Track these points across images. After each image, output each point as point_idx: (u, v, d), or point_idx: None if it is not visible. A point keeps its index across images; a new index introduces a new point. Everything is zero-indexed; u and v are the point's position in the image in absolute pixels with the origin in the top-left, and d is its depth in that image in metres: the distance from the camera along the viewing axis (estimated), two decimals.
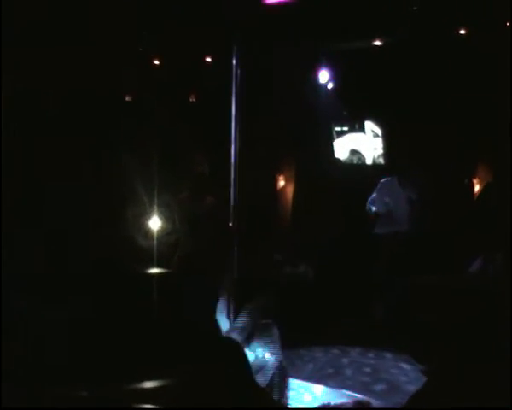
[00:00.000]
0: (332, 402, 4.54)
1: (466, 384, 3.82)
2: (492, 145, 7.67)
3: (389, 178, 7.73)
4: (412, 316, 6.17)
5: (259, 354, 4.34)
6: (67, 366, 4.57)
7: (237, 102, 6.65)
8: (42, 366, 3.69)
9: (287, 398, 4.43)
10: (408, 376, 5.60)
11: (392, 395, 5.18)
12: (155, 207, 6.69)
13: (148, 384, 4.30)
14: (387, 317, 6.79)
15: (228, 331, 4.47)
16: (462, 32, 7.38)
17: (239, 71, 6.64)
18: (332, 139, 9.27)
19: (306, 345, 6.52)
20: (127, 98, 9.65)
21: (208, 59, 8.99)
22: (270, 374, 4.25)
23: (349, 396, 4.90)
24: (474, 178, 8.12)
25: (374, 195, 7.73)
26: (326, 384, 5.20)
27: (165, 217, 6.70)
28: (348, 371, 5.78)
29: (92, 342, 4.92)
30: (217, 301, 5.57)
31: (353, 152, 9.19)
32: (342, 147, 9.26)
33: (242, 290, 5.77)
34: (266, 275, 7.57)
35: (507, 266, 5.75)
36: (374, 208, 7.61)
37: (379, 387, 5.38)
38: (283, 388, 4.42)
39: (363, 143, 9.10)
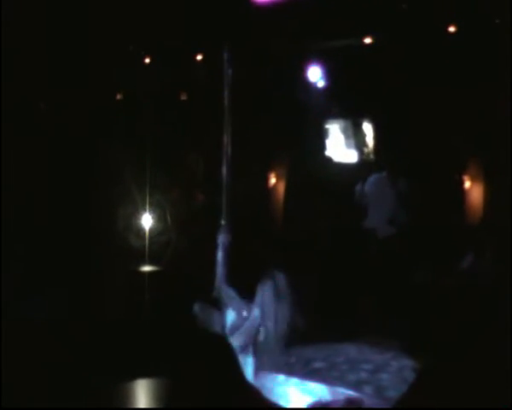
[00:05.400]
0: (323, 399, 4.57)
1: (462, 381, 3.86)
2: (484, 142, 7.72)
3: (377, 175, 7.79)
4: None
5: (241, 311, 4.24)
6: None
7: (229, 100, 6.66)
8: None
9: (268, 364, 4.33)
10: (399, 373, 5.62)
11: (384, 393, 5.20)
12: (147, 206, 6.71)
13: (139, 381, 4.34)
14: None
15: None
16: (452, 29, 7.41)
17: (230, 69, 6.65)
18: (324, 136, 9.27)
19: (298, 342, 6.53)
20: (119, 97, 9.64)
21: (199, 57, 8.99)
22: (247, 335, 4.18)
23: (341, 393, 4.93)
24: (465, 174, 8.15)
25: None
26: (317, 381, 5.22)
27: (157, 216, 6.73)
28: (339, 369, 5.78)
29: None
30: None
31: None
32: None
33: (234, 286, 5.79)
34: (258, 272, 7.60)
35: (506, 265, 5.78)
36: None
37: (371, 384, 5.40)
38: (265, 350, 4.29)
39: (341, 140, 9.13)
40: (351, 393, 4.98)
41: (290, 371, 5.62)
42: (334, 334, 6.63)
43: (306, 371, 5.69)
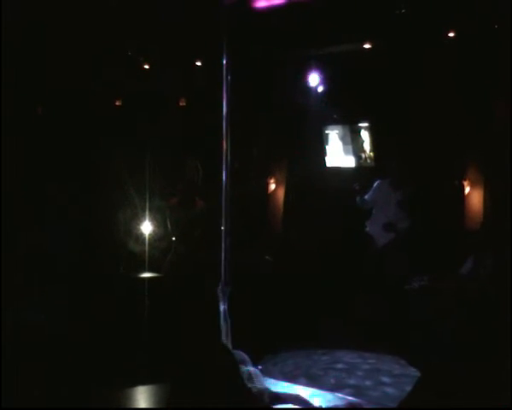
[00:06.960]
0: (324, 405, 4.57)
1: (462, 384, 3.85)
2: (484, 146, 7.72)
3: (379, 181, 7.78)
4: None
5: None
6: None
7: (228, 106, 6.66)
8: None
9: None
10: (398, 377, 5.61)
11: (382, 397, 5.20)
12: (147, 212, 6.71)
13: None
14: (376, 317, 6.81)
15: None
16: (451, 34, 7.43)
17: (229, 75, 6.65)
18: (323, 142, 9.25)
19: (296, 346, 6.52)
20: (118, 102, 9.66)
21: (199, 62, 9.00)
22: None
23: (341, 399, 4.92)
24: (464, 179, 8.15)
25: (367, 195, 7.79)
26: (317, 387, 5.21)
27: (157, 222, 6.72)
28: (339, 374, 5.78)
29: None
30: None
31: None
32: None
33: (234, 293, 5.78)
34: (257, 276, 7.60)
35: (506, 267, 5.77)
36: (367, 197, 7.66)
37: (370, 389, 5.40)
38: None
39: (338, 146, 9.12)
40: (350, 398, 4.98)
41: (291, 376, 5.63)
42: (334, 338, 6.65)
43: (305, 377, 5.69)
